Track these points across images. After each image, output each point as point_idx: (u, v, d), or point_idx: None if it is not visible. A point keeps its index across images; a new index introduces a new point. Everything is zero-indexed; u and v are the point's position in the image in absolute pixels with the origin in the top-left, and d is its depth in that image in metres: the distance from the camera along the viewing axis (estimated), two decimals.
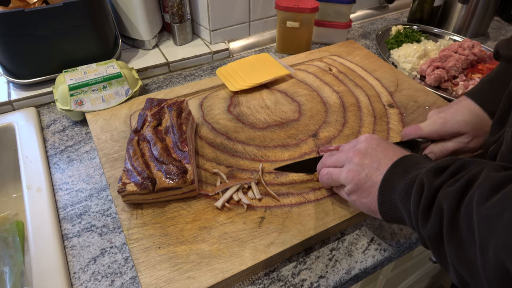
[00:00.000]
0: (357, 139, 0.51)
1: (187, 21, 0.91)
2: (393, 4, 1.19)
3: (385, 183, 0.44)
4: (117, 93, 0.72)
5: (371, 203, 0.45)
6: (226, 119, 0.69)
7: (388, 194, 0.43)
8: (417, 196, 0.39)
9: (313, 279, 0.49)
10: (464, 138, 0.56)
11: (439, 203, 0.36)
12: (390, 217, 0.44)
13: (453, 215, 0.35)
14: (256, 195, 0.54)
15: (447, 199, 0.35)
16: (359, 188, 0.46)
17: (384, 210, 0.44)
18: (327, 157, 0.53)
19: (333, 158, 0.51)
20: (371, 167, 0.45)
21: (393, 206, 0.43)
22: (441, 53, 0.86)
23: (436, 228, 0.36)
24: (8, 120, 0.72)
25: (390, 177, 0.43)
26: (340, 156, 0.50)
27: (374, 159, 0.46)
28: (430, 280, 1.10)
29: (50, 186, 0.60)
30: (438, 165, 0.39)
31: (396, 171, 0.43)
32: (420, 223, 0.38)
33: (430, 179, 0.38)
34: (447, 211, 0.35)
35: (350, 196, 0.48)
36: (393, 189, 0.42)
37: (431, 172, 0.39)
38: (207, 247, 0.48)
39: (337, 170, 0.49)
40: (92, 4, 0.75)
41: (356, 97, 0.75)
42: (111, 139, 0.64)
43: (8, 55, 0.73)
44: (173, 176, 0.51)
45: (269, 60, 0.83)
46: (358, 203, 0.47)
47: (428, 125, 0.58)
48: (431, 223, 0.37)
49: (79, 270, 0.50)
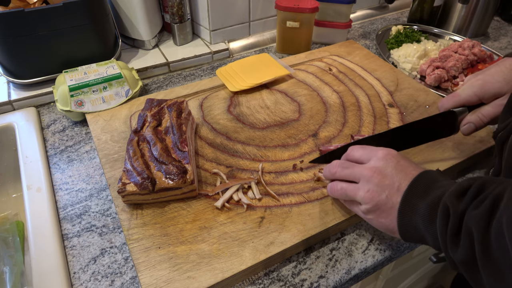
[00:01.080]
0: (372, 151, 0.48)
1: (187, 21, 0.91)
2: (393, 4, 1.19)
3: (404, 204, 0.43)
4: (117, 94, 0.72)
5: (390, 223, 0.44)
6: (226, 119, 0.69)
7: (409, 216, 0.42)
8: (443, 222, 0.38)
9: (313, 279, 0.49)
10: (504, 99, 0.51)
11: (467, 227, 0.36)
12: (410, 238, 0.44)
13: (484, 238, 0.34)
14: (256, 195, 0.54)
15: (475, 223, 0.35)
16: (378, 209, 0.45)
17: (404, 231, 0.43)
18: (336, 167, 0.50)
19: (346, 172, 0.48)
20: (392, 188, 0.44)
21: (414, 228, 0.42)
22: (441, 53, 0.86)
23: (467, 254, 0.36)
24: (8, 120, 0.72)
25: (410, 198, 0.43)
26: (355, 171, 0.47)
27: (394, 179, 0.44)
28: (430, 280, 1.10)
29: (50, 186, 0.60)
30: (459, 187, 0.39)
31: (415, 192, 0.43)
32: (450, 249, 0.38)
33: (454, 203, 0.38)
34: (477, 235, 0.35)
35: (367, 215, 0.46)
36: (414, 211, 0.42)
37: (454, 196, 0.38)
38: (207, 247, 0.48)
39: (353, 187, 0.47)
40: (92, 4, 0.75)
41: (356, 97, 0.75)
42: (111, 139, 0.64)
43: (8, 55, 0.73)
44: (173, 176, 0.51)
45: (269, 60, 0.83)
46: (375, 222, 0.46)
47: (465, 89, 0.54)
48: (462, 249, 0.36)
49: (79, 270, 0.50)
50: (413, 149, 0.62)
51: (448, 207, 0.38)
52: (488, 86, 0.52)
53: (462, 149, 0.63)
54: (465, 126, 0.54)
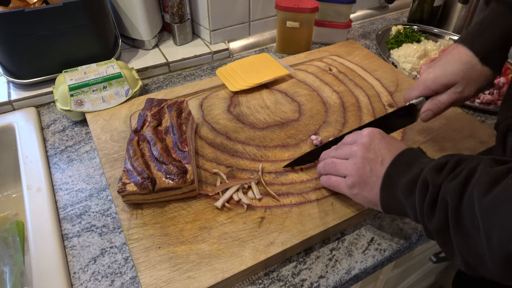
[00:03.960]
0: (359, 132, 0.52)
1: (187, 21, 0.91)
2: (393, 4, 1.19)
3: (387, 178, 0.46)
4: (117, 94, 0.72)
5: (374, 197, 0.47)
6: (226, 119, 0.69)
7: (391, 190, 0.46)
8: (422, 193, 0.41)
9: (313, 279, 0.49)
10: (457, 88, 0.55)
11: (443, 197, 0.39)
12: (391, 210, 0.47)
13: (457, 207, 0.38)
14: (256, 195, 0.54)
15: (450, 193, 0.38)
16: (363, 181, 0.48)
17: (386, 204, 0.47)
18: (331, 150, 0.54)
19: (338, 152, 0.52)
20: (376, 162, 0.47)
21: (396, 201, 0.45)
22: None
23: (442, 221, 0.39)
24: (8, 120, 0.72)
25: (392, 173, 0.46)
26: (344, 149, 0.51)
27: (378, 154, 0.48)
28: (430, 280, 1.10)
29: (50, 186, 0.60)
30: (438, 162, 0.42)
31: (397, 167, 0.46)
32: (426, 218, 0.41)
33: (433, 176, 0.41)
34: (451, 204, 0.38)
35: (352, 189, 0.49)
36: (396, 184, 0.45)
37: (433, 170, 0.42)
38: (207, 247, 0.48)
39: (342, 162, 0.51)
40: (92, 4, 0.75)
41: (356, 97, 0.75)
42: (111, 139, 0.64)
43: (8, 55, 0.73)
44: (173, 176, 0.51)
45: (269, 60, 0.83)
46: (360, 197, 0.49)
47: (419, 85, 0.58)
48: (437, 217, 0.40)
49: (79, 270, 0.50)
50: None
51: (427, 181, 0.41)
52: (439, 79, 0.56)
53: (462, 149, 0.63)
54: (424, 114, 0.58)
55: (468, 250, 0.37)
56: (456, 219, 0.38)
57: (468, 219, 0.37)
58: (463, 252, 0.38)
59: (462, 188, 0.38)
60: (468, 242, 0.37)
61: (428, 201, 0.41)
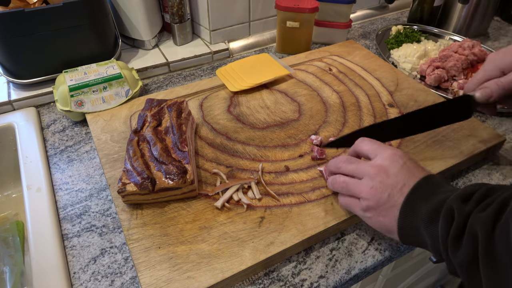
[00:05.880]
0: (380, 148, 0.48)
1: (187, 21, 0.91)
2: (393, 4, 1.19)
3: (406, 206, 0.43)
4: (117, 94, 0.72)
5: (389, 223, 0.45)
6: (226, 119, 0.69)
7: (410, 217, 0.42)
8: (446, 223, 0.38)
9: (313, 279, 0.49)
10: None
11: (472, 229, 0.36)
12: (409, 240, 0.44)
13: (489, 239, 0.35)
14: (256, 195, 0.54)
15: (481, 225, 0.35)
16: (379, 207, 0.45)
17: (404, 233, 0.44)
18: (342, 162, 0.50)
19: (351, 167, 0.49)
20: (395, 188, 0.44)
21: (414, 230, 0.42)
22: (441, 53, 0.86)
23: (469, 255, 0.36)
24: (8, 120, 0.72)
25: (413, 200, 0.43)
26: (360, 167, 0.47)
27: (398, 179, 0.44)
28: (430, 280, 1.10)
29: (50, 186, 0.60)
30: (465, 192, 0.39)
31: (418, 194, 0.43)
32: (451, 251, 0.38)
33: (459, 205, 0.38)
34: (482, 236, 0.35)
35: (366, 212, 0.46)
36: (415, 212, 0.42)
37: (459, 199, 0.39)
38: (207, 247, 0.48)
39: (356, 182, 0.47)
40: (92, 4, 0.75)
41: (356, 97, 0.75)
42: (111, 139, 0.64)
43: (8, 55, 0.73)
44: (173, 176, 0.51)
45: (269, 60, 0.83)
46: (374, 221, 0.46)
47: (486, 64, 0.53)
48: (464, 249, 0.37)
49: (79, 270, 0.50)
50: (413, 149, 0.62)
51: (452, 209, 0.38)
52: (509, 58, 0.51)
53: (462, 149, 0.63)
54: (480, 91, 0.52)
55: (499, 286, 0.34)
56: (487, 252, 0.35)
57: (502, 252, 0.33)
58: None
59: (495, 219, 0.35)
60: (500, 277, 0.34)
61: (454, 232, 0.37)
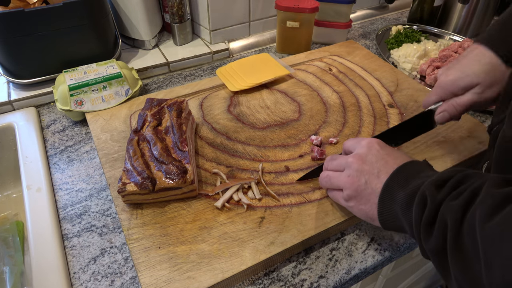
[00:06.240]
0: (358, 140, 0.50)
1: (187, 21, 0.91)
2: (393, 4, 1.19)
3: (385, 192, 0.44)
4: (117, 93, 0.72)
5: (370, 210, 0.45)
6: (226, 119, 0.69)
7: (388, 203, 0.43)
8: (420, 209, 0.39)
9: (313, 279, 0.49)
10: (477, 89, 0.52)
11: (442, 217, 0.37)
12: (389, 226, 0.45)
13: (457, 230, 0.35)
14: (256, 195, 0.54)
15: (451, 214, 0.36)
16: (358, 194, 0.46)
17: (384, 219, 0.44)
18: (328, 161, 0.52)
19: (334, 163, 0.51)
20: (371, 174, 0.45)
21: (393, 216, 0.43)
22: (441, 53, 0.86)
23: (439, 243, 0.37)
24: (8, 120, 0.72)
25: (391, 186, 0.43)
26: (341, 160, 0.49)
27: (374, 166, 0.46)
28: (430, 280, 1.10)
29: (50, 186, 0.60)
30: (440, 178, 0.39)
31: (396, 180, 0.43)
32: (423, 237, 0.39)
33: (433, 192, 0.38)
34: (451, 225, 0.35)
35: (348, 202, 0.48)
36: (394, 199, 0.43)
37: (433, 185, 0.39)
38: (207, 247, 0.48)
39: (337, 174, 0.49)
40: (92, 4, 0.75)
41: (356, 97, 0.75)
42: (111, 139, 0.64)
43: (8, 55, 0.73)
44: (173, 176, 0.51)
45: (269, 60, 0.83)
46: (356, 210, 0.47)
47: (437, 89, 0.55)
48: (434, 237, 0.37)
49: (79, 270, 0.50)
50: (413, 150, 0.63)
51: (426, 196, 0.39)
52: (458, 81, 0.53)
53: (462, 150, 0.63)
54: (439, 115, 0.55)
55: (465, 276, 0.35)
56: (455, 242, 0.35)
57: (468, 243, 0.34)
58: (459, 278, 0.35)
59: (465, 209, 0.35)
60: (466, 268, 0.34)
61: (426, 219, 0.38)
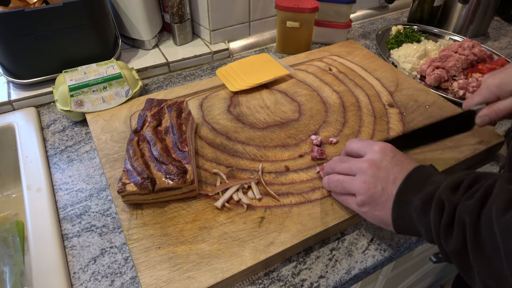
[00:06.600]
0: (369, 144, 0.50)
1: (187, 21, 0.91)
2: (393, 4, 1.19)
3: (399, 197, 0.44)
4: (117, 94, 0.72)
5: (384, 216, 0.46)
6: (226, 119, 0.69)
7: (403, 209, 0.44)
8: (438, 214, 0.40)
9: (313, 279, 0.49)
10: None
11: (460, 217, 0.38)
12: (404, 230, 0.45)
13: (475, 226, 0.36)
14: (256, 195, 0.54)
15: (468, 212, 0.37)
16: (374, 201, 0.46)
17: (399, 224, 0.45)
18: (336, 162, 0.52)
19: (344, 165, 0.50)
20: (387, 180, 0.46)
21: (408, 221, 0.44)
22: (441, 53, 0.86)
23: (459, 242, 0.38)
24: (8, 120, 0.72)
25: (405, 191, 0.44)
26: (352, 164, 0.49)
27: (390, 172, 0.46)
28: (430, 280, 1.10)
29: (50, 186, 0.60)
30: (454, 181, 0.41)
31: (410, 186, 0.44)
32: (443, 239, 0.39)
33: (448, 196, 0.39)
34: (469, 223, 0.36)
35: (362, 207, 0.48)
36: (408, 203, 0.43)
37: (448, 189, 0.40)
38: (207, 247, 0.48)
39: (349, 179, 0.49)
40: (92, 4, 0.75)
41: (356, 97, 0.75)
42: (111, 139, 0.64)
43: (8, 55, 0.73)
44: (173, 176, 0.51)
45: (269, 60, 0.83)
46: (370, 215, 0.47)
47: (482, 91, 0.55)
48: (454, 238, 0.38)
49: (79, 270, 0.50)
50: (414, 150, 0.62)
51: (442, 200, 0.40)
52: (505, 85, 0.53)
53: (462, 149, 0.63)
54: (480, 118, 0.55)
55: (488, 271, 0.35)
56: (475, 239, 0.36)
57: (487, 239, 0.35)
58: (482, 274, 0.36)
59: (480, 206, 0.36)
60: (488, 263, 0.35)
61: (445, 222, 0.39)
